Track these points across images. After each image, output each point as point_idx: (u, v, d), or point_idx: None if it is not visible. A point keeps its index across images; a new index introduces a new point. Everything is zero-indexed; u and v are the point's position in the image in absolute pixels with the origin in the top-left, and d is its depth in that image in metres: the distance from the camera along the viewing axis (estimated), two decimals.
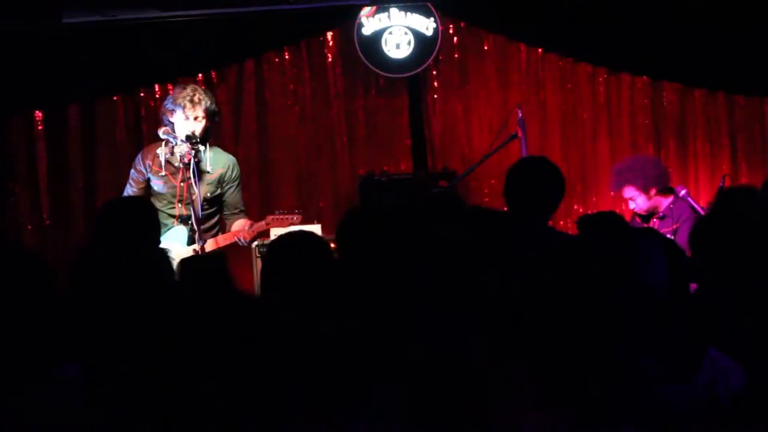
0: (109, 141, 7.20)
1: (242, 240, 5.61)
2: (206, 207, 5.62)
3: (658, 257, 2.50)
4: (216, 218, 5.80)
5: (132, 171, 5.72)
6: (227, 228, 5.79)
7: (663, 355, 2.39)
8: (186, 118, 5.52)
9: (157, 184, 5.62)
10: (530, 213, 4.19)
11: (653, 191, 6.06)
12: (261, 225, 5.68)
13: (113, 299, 2.82)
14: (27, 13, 6.65)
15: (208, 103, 5.59)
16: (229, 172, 5.73)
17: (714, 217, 3.60)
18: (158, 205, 5.53)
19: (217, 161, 5.68)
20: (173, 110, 5.54)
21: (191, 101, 5.51)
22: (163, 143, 5.63)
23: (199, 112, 5.53)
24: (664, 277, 2.49)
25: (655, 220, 6.18)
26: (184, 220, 5.60)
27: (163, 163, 5.60)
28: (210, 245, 5.55)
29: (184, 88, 5.60)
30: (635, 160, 6.30)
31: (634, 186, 6.04)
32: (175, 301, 2.74)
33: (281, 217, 5.73)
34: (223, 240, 5.65)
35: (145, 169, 5.64)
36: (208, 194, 5.63)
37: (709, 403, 2.35)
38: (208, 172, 5.60)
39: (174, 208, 5.60)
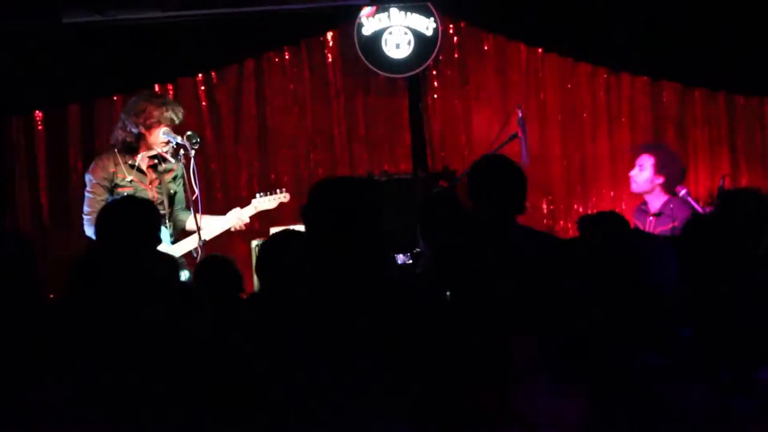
0: (109, 141, 7.18)
1: (239, 227, 5.73)
2: (168, 204, 5.73)
3: (666, 257, 2.50)
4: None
5: (93, 181, 5.66)
6: (179, 224, 5.80)
7: (671, 353, 2.40)
8: (166, 131, 5.61)
9: (126, 191, 5.61)
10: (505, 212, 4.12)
11: (661, 178, 6.15)
12: (249, 209, 5.80)
13: (117, 298, 2.82)
14: (27, 13, 6.64)
15: (183, 112, 5.78)
16: (180, 168, 5.78)
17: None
18: None
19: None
20: (154, 124, 5.59)
21: (175, 115, 5.64)
22: (116, 150, 5.67)
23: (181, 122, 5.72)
24: (672, 277, 2.49)
25: (651, 218, 6.21)
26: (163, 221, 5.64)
27: (125, 169, 5.63)
28: (214, 230, 5.74)
29: (157, 104, 5.66)
30: (667, 146, 6.55)
31: (654, 158, 6.17)
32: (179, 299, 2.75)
33: (267, 198, 5.83)
34: (219, 228, 5.77)
35: (111, 177, 5.64)
36: (172, 192, 5.77)
37: (716, 404, 2.35)
38: (174, 170, 5.68)
39: None
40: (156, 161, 5.67)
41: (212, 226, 5.76)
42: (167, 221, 5.63)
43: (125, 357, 2.83)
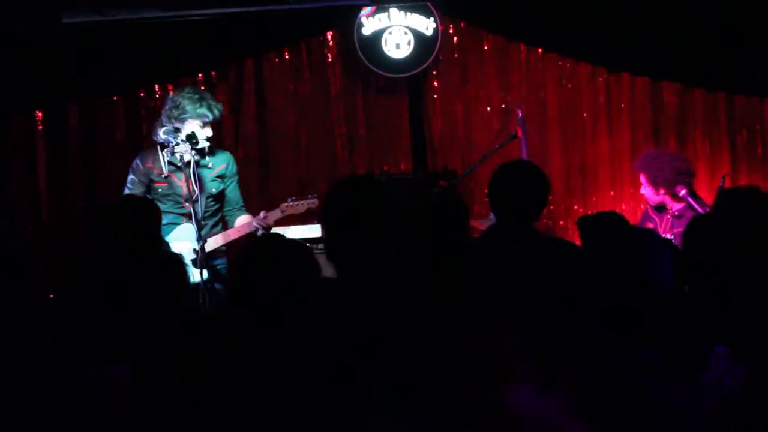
0: (109, 141, 7.20)
1: (259, 230, 5.68)
2: (212, 203, 5.76)
3: (663, 255, 2.51)
4: (220, 214, 5.90)
5: (131, 176, 5.75)
6: (230, 225, 5.84)
7: (667, 352, 2.40)
8: (203, 126, 5.61)
9: (161, 186, 5.67)
10: (519, 217, 4.11)
11: (662, 190, 6.13)
12: (275, 213, 5.76)
13: (114, 297, 2.82)
14: (27, 13, 6.64)
15: (221, 108, 5.77)
16: (230, 167, 5.86)
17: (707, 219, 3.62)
18: (164, 207, 5.56)
19: (216, 158, 5.78)
20: (187, 119, 5.59)
21: (209, 110, 5.61)
22: (159, 146, 5.67)
23: (216, 118, 5.71)
24: (669, 275, 2.50)
25: (669, 217, 6.21)
26: (193, 217, 5.63)
27: (163, 165, 5.65)
28: (218, 240, 5.68)
29: (193, 99, 5.63)
30: (661, 154, 6.42)
31: (646, 176, 6.16)
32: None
33: (296, 203, 5.81)
34: (234, 234, 5.72)
35: (147, 173, 5.67)
36: (214, 190, 5.76)
37: (715, 403, 2.35)
38: (210, 169, 5.68)
39: (183, 207, 5.65)
40: (196, 158, 5.62)
41: (239, 226, 5.76)
42: (193, 219, 5.56)
43: (122, 356, 2.83)
